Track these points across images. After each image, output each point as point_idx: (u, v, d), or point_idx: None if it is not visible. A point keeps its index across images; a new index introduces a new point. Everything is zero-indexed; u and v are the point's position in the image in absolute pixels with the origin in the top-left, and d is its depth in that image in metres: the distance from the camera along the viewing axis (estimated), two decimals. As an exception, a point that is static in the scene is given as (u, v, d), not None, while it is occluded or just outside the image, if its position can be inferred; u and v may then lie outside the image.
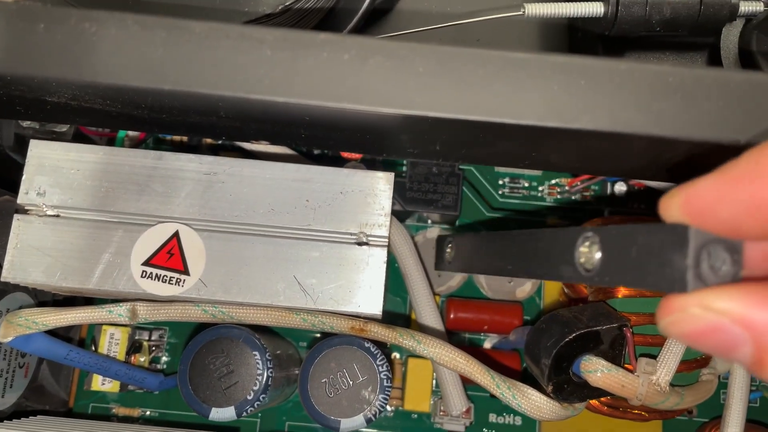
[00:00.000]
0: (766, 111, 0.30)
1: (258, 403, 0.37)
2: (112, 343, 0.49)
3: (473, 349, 0.50)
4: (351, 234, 0.38)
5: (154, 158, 0.39)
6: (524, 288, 0.53)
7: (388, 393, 0.37)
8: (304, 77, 0.32)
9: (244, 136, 0.42)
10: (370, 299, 0.38)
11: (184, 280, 0.37)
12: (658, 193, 0.54)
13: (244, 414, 0.37)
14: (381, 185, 0.39)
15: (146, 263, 0.37)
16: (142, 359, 0.49)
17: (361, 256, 0.38)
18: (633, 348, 0.38)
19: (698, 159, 0.33)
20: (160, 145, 0.52)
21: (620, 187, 0.52)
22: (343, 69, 0.31)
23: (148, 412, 0.49)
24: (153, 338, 0.50)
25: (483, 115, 0.31)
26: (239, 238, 0.38)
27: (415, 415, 0.50)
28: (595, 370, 0.37)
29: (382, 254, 0.38)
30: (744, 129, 0.30)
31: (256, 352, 0.37)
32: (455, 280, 0.53)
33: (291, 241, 0.38)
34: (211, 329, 0.38)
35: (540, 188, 0.55)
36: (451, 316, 0.50)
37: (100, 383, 0.49)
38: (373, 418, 0.37)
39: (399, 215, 0.52)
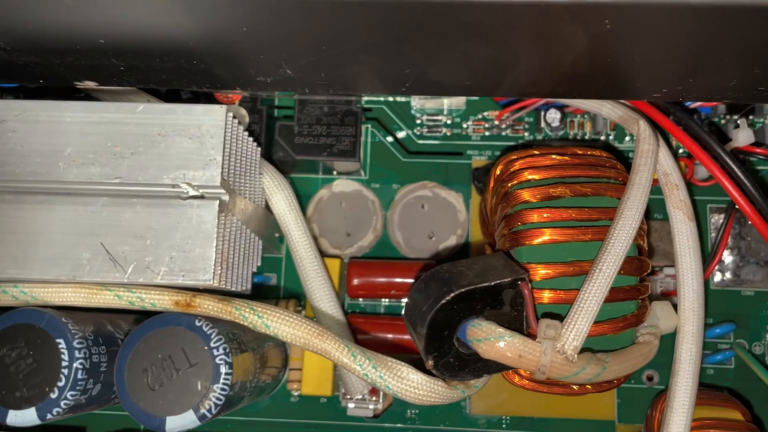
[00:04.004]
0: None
1: (67, 402, 0.30)
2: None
3: (391, 321, 0.42)
4: (172, 186, 0.31)
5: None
6: (447, 243, 0.44)
7: (227, 382, 0.30)
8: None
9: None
10: (198, 266, 0.30)
11: (-34, 256, 0.30)
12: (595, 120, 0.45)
13: (50, 417, 0.30)
14: (210, 120, 0.31)
15: None
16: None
17: (186, 213, 0.30)
18: (532, 307, 0.29)
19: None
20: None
21: (553, 115, 0.43)
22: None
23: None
24: None
25: None
26: (34, 200, 0.31)
27: (324, 400, 0.43)
28: (485, 337, 0.29)
29: (212, 208, 0.30)
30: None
31: (60, 340, 0.30)
32: (366, 239, 0.45)
33: (98, 200, 0.31)
34: (6, 315, 0.31)
35: (464, 124, 0.46)
36: (354, 281, 0.42)
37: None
38: (209, 414, 0.29)
39: (289, 166, 0.44)
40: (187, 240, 0.30)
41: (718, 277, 0.42)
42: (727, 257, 0.42)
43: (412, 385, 0.29)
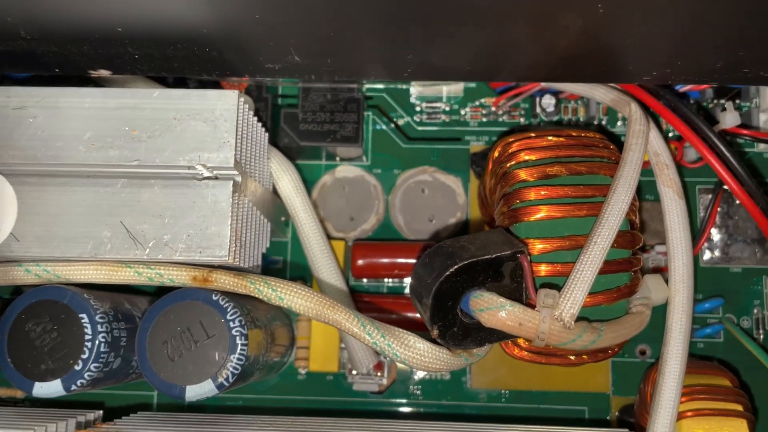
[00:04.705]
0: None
1: (90, 374, 0.31)
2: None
3: (395, 299, 0.44)
4: (188, 168, 0.32)
5: (-48, 95, 0.33)
6: (448, 226, 0.46)
7: (243, 353, 0.31)
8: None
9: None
10: (214, 242, 0.31)
11: (-8, 236, 0.31)
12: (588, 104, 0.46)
13: (74, 388, 0.31)
14: (223, 104, 0.32)
15: (-54, 219, 0.31)
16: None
17: (201, 193, 0.32)
18: (531, 278, 0.31)
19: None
20: None
21: (548, 100, 0.45)
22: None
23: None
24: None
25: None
26: (56, 182, 0.32)
27: (330, 377, 0.44)
28: (486, 307, 0.30)
29: (226, 188, 0.32)
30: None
31: (84, 315, 0.31)
32: (369, 222, 0.46)
33: (117, 181, 0.32)
34: (31, 291, 0.32)
35: (462, 111, 0.47)
36: (358, 262, 0.43)
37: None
38: (226, 383, 0.31)
39: (294, 152, 0.45)
40: (203, 218, 0.31)
41: (707, 255, 0.44)
42: (716, 235, 0.44)
43: (419, 352, 0.31)
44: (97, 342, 0.31)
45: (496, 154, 0.38)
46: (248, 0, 0.28)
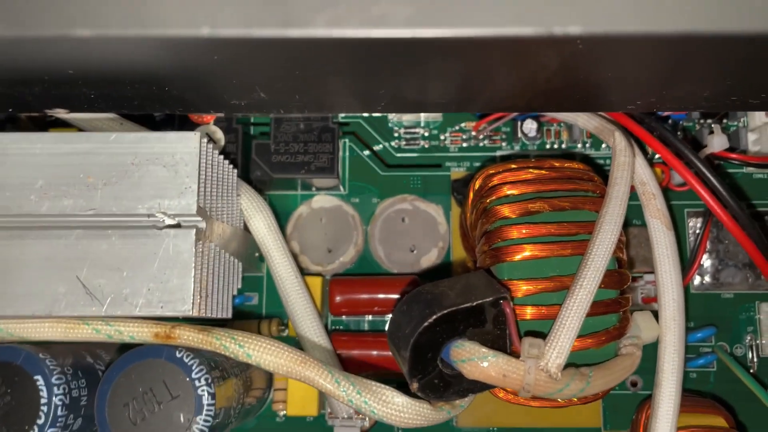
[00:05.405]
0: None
1: (48, 440, 0.29)
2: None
3: (375, 337, 0.42)
4: (148, 216, 0.30)
5: None
6: (429, 256, 0.44)
7: (210, 413, 0.29)
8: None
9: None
10: (177, 296, 0.29)
11: (-62, 295, 0.29)
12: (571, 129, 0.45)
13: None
14: (184, 147, 0.31)
15: None
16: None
17: (162, 243, 0.30)
18: (515, 325, 0.29)
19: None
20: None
21: (530, 125, 0.43)
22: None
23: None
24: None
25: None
26: (6, 235, 0.30)
27: (310, 419, 0.42)
28: (468, 358, 0.28)
29: (188, 237, 0.30)
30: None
31: (38, 376, 0.29)
32: (348, 254, 0.44)
33: (71, 232, 0.30)
34: (-19, 352, 0.30)
35: (442, 136, 0.46)
36: (336, 299, 0.41)
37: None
38: (193, 446, 0.29)
39: (267, 183, 0.43)
40: (164, 270, 0.30)
41: (697, 280, 0.42)
42: (706, 261, 0.42)
43: (397, 408, 0.29)
44: (53, 405, 0.29)
45: (477, 185, 0.36)
46: (204, 43, 0.26)
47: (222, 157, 0.35)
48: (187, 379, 0.29)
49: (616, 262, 0.33)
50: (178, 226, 0.30)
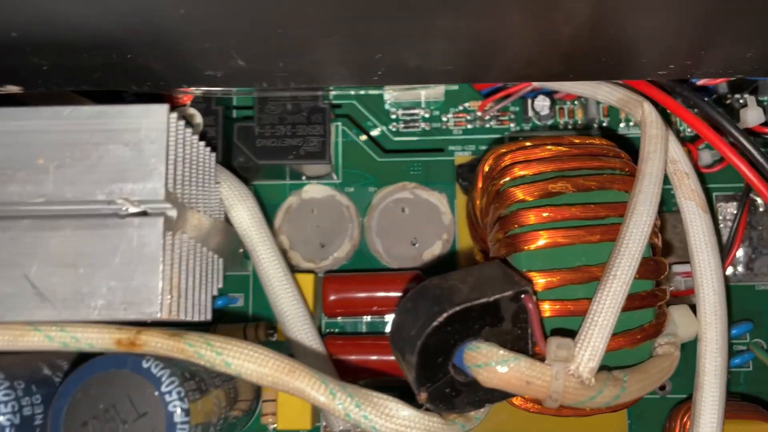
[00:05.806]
0: None
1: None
2: None
3: (374, 341, 0.38)
4: (108, 203, 0.26)
5: None
6: (432, 250, 0.40)
7: (184, 430, 0.25)
8: None
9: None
10: (142, 296, 0.25)
11: None
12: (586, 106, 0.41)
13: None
14: (150, 123, 0.26)
15: None
16: None
17: (125, 234, 0.26)
18: (539, 323, 0.25)
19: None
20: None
21: (542, 102, 0.39)
22: None
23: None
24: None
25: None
26: (-58, 228, 0.26)
27: (304, 432, 0.38)
28: (485, 362, 0.24)
29: (156, 227, 0.26)
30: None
31: (-20, 392, 0.25)
32: (343, 249, 0.40)
33: (19, 223, 0.26)
34: None
35: (444, 117, 0.42)
36: (330, 298, 0.37)
37: None
38: (163, 471, 0.25)
39: (252, 172, 0.39)
40: (127, 266, 0.25)
41: (729, 270, 0.38)
42: (738, 249, 0.38)
43: (403, 423, 0.25)
44: (0, 425, 0.25)
45: (487, 168, 0.32)
46: (167, -10, 0.21)
47: (197, 137, 0.30)
48: (156, 393, 0.25)
49: (650, 249, 0.28)
50: (143, 214, 0.26)
